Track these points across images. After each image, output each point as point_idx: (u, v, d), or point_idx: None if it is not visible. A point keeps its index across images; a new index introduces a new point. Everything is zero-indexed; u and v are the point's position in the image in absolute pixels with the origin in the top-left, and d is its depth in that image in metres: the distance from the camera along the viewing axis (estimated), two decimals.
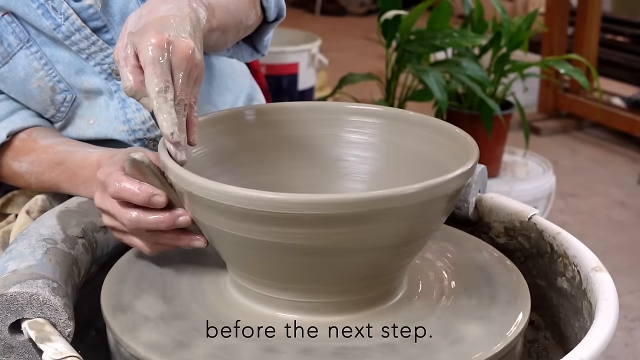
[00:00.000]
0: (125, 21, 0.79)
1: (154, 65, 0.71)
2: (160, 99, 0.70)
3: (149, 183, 0.75)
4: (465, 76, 2.21)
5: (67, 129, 1.00)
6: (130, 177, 0.75)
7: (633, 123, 3.23)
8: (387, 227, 0.67)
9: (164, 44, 0.72)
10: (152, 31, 0.73)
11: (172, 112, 0.70)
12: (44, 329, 0.68)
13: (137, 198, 0.75)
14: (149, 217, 0.76)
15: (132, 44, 0.74)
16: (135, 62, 0.73)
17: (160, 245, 0.79)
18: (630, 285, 2.24)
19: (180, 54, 0.72)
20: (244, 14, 0.94)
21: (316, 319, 0.73)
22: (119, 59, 0.75)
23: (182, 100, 0.72)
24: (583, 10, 3.40)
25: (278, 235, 0.66)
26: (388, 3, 2.29)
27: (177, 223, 0.76)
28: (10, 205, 1.00)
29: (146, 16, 0.76)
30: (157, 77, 0.71)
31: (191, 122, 0.75)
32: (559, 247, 0.83)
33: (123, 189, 0.75)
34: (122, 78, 0.74)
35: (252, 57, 1.09)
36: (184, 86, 0.73)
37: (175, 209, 0.76)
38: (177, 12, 0.76)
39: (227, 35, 0.91)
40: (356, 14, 6.29)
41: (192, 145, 0.75)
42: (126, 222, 0.76)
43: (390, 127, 0.88)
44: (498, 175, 2.48)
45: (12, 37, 0.92)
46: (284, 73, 2.90)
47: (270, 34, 1.06)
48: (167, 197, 0.75)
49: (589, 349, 0.65)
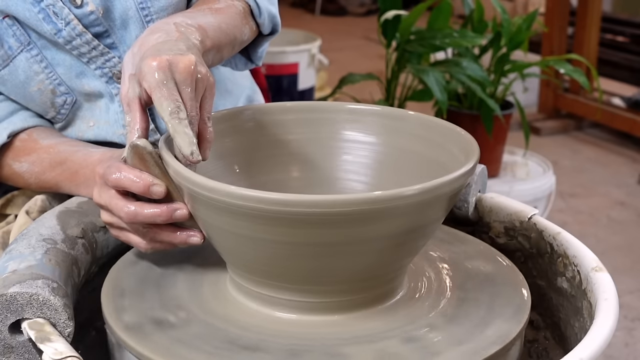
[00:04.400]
0: (122, 64, 0.81)
1: (160, 89, 0.72)
2: (174, 120, 0.71)
3: (149, 172, 0.74)
4: (465, 76, 2.21)
5: (67, 130, 0.99)
6: (130, 166, 0.75)
7: (633, 123, 3.23)
8: (387, 227, 0.67)
9: (165, 65, 0.73)
10: (149, 59, 0.73)
11: (189, 131, 0.71)
12: (43, 329, 0.68)
13: (136, 186, 0.74)
14: (145, 210, 0.75)
15: (134, 85, 0.75)
16: (140, 106, 0.75)
17: (157, 242, 0.78)
18: (630, 285, 2.24)
19: (183, 70, 0.73)
20: (238, 30, 0.95)
21: (315, 319, 0.73)
22: (123, 105, 0.76)
23: (193, 117, 0.73)
24: (583, 10, 3.40)
25: (278, 235, 0.66)
26: (388, 3, 2.29)
27: (175, 217, 0.75)
28: (10, 206, 1.00)
29: (139, 52, 0.78)
30: (165, 100, 0.71)
31: (204, 138, 0.75)
32: (559, 247, 0.83)
33: (123, 177, 0.74)
34: (126, 125, 0.75)
35: (246, 67, 1.09)
36: (192, 102, 0.73)
37: (173, 202, 0.76)
38: (167, 38, 0.78)
39: (222, 53, 0.91)
40: (356, 14, 6.29)
41: (205, 160, 0.75)
42: (123, 215, 0.76)
43: (390, 127, 0.88)
44: (498, 175, 2.48)
45: (13, 39, 0.92)
46: (284, 73, 2.91)
47: (265, 46, 1.06)
48: (166, 188, 0.75)
49: (589, 349, 0.65)
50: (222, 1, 0.96)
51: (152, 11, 0.96)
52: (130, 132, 0.75)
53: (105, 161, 0.82)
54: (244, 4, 0.98)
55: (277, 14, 1.04)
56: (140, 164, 0.74)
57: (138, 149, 0.73)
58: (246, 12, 0.98)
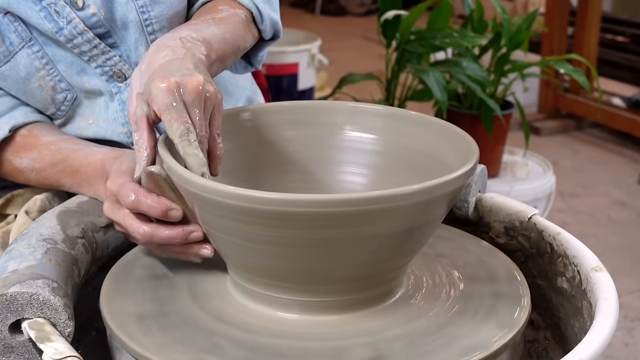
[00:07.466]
0: (129, 83, 0.82)
1: (170, 111, 0.72)
2: (184, 142, 0.72)
3: (165, 196, 0.75)
4: (465, 76, 2.21)
5: (67, 127, 1.00)
6: (146, 190, 0.75)
7: (633, 123, 3.23)
8: (387, 227, 0.67)
9: (173, 87, 0.73)
10: (157, 80, 0.74)
11: (199, 152, 0.72)
12: (44, 329, 0.68)
13: (154, 211, 0.75)
14: (162, 233, 0.76)
15: (142, 104, 0.75)
16: (148, 125, 0.75)
17: (169, 253, 0.80)
18: (630, 285, 2.24)
19: (192, 92, 0.74)
20: (241, 39, 0.95)
21: (316, 318, 0.73)
22: (131, 123, 0.77)
23: (203, 137, 0.74)
24: (583, 10, 3.40)
25: (277, 235, 0.66)
26: (388, 3, 2.29)
27: (190, 239, 0.76)
28: (9, 206, 1.00)
29: (146, 70, 0.78)
30: (175, 122, 0.72)
31: (215, 155, 0.76)
32: (559, 247, 0.83)
33: (140, 202, 0.75)
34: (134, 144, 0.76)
35: (246, 71, 1.09)
36: (202, 122, 0.74)
37: (189, 224, 0.76)
38: (175, 56, 0.79)
39: (225, 63, 0.92)
40: (356, 14, 6.29)
41: (215, 176, 0.76)
42: (139, 237, 0.77)
43: (390, 127, 0.88)
44: (498, 175, 2.48)
45: (14, 35, 0.92)
46: (284, 73, 2.91)
47: (265, 50, 1.07)
48: (183, 212, 0.75)
49: (589, 349, 0.65)
50: (224, 10, 0.96)
51: (152, 15, 0.96)
52: (139, 152, 0.76)
53: (111, 169, 0.83)
54: (246, 12, 0.98)
55: (279, 20, 1.04)
56: (156, 189, 0.75)
57: (153, 175, 0.74)
58: (248, 19, 0.98)
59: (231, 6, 0.98)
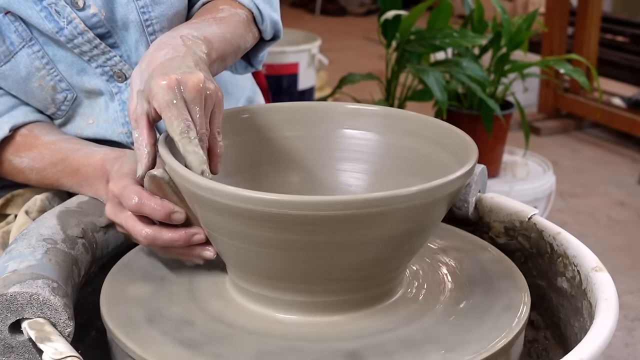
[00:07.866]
0: (130, 81, 0.81)
1: (170, 108, 0.72)
2: (184, 139, 0.72)
3: (168, 199, 0.75)
4: (465, 76, 2.21)
5: (67, 126, 1.00)
6: (149, 193, 0.75)
7: (633, 123, 3.23)
8: (387, 228, 0.67)
9: (174, 84, 0.73)
10: (158, 78, 0.74)
11: (199, 150, 0.72)
12: (44, 329, 0.68)
13: (157, 214, 0.75)
14: (164, 235, 0.76)
15: (142, 101, 0.75)
16: (148, 123, 0.75)
17: (171, 254, 0.80)
18: (630, 285, 2.24)
19: (192, 89, 0.74)
20: (242, 39, 0.95)
21: (315, 319, 0.73)
22: (131, 121, 0.77)
23: (203, 134, 0.73)
24: (583, 10, 3.40)
25: (277, 236, 0.66)
26: (388, 3, 2.29)
27: (192, 241, 0.77)
28: (9, 206, 1.00)
29: (147, 68, 0.78)
30: (175, 119, 0.72)
31: (215, 153, 0.76)
32: (559, 247, 0.83)
33: (143, 204, 0.75)
34: (134, 141, 0.76)
35: (246, 71, 1.09)
36: (202, 119, 0.74)
37: (191, 226, 0.76)
38: (175, 54, 0.78)
39: (226, 62, 0.92)
40: (356, 14, 6.29)
41: (215, 174, 0.76)
42: (141, 239, 0.77)
43: (390, 127, 0.88)
44: (498, 175, 2.48)
45: (15, 35, 0.92)
46: (284, 73, 2.91)
47: (265, 51, 1.07)
48: (185, 214, 0.75)
49: (589, 349, 0.65)
50: (225, 9, 0.96)
51: (153, 16, 0.96)
52: (139, 149, 0.76)
53: (112, 171, 0.83)
54: (247, 12, 0.98)
55: (279, 20, 1.04)
56: (158, 191, 0.75)
57: (156, 179, 0.74)
58: (249, 19, 0.98)
59: (232, 6, 0.98)
